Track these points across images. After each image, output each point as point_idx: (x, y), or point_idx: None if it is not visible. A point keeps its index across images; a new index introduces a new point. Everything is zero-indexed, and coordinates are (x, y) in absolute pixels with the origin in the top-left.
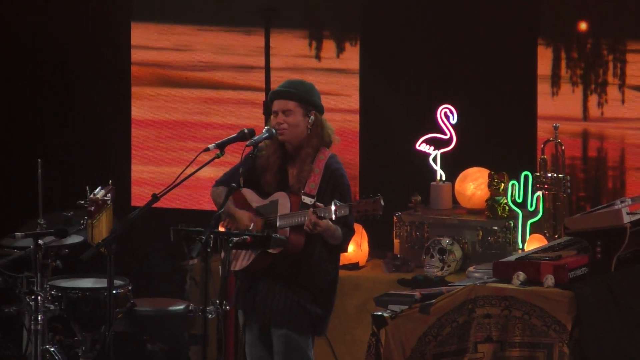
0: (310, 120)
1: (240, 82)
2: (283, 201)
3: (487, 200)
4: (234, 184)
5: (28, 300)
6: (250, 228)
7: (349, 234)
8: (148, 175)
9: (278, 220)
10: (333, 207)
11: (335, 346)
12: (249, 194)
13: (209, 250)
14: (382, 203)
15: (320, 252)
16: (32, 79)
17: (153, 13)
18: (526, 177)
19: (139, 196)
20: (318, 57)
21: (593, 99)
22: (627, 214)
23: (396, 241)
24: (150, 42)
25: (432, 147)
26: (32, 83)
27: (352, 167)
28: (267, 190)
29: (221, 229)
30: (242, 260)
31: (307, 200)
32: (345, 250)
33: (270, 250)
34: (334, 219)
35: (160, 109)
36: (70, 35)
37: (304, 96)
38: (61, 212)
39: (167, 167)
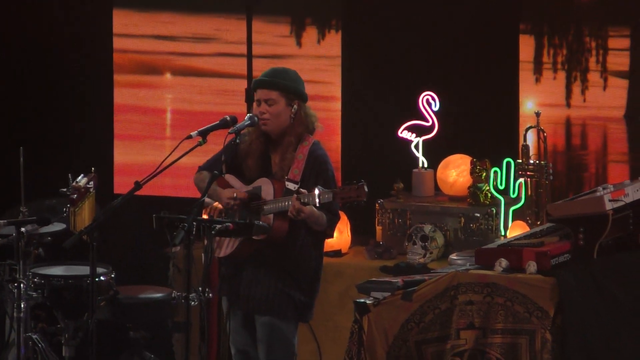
0: (293, 110)
1: (223, 69)
2: (266, 187)
3: (469, 187)
4: (216, 171)
5: (10, 287)
6: (235, 195)
7: (333, 220)
8: (130, 163)
9: (263, 207)
10: (317, 193)
11: (318, 332)
12: (232, 180)
13: (191, 237)
14: (366, 189)
15: (304, 238)
16: (13, 67)
17: (134, 0)
18: (508, 163)
19: (122, 184)
20: (299, 44)
21: (575, 86)
22: (609, 200)
23: (378, 228)
24: (132, 30)
25: (414, 134)
26: (13, 71)
27: (334, 154)
28: (249, 176)
29: (205, 216)
30: (226, 247)
31: (291, 186)
32: (331, 236)
33: (254, 237)
34: (317, 204)
35: (143, 96)
36: (52, 23)
37: (288, 86)
38: (43, 200)
39: (150, 154)
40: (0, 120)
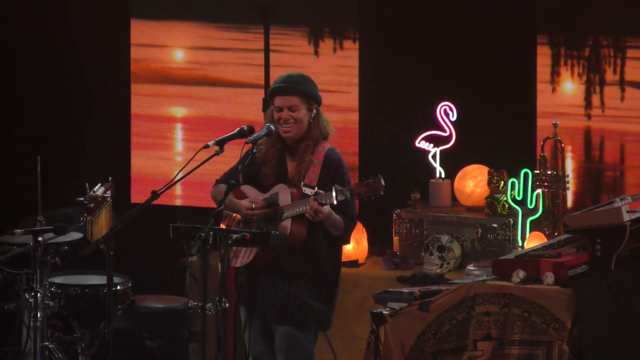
0: (312, 114)
1: (240, 79)
2: (284, 193)
3: (486, 198)
4: (233, 181)
5: (27, 297)
6: (253, 207)
7: (350, 224)
8: (147, 172)
9: (282, 213)
10: (334, 192)
11: (334, 342)
12: (249, 190)
13: (208, 247)
14: (383, 183)
15: (321, 244)
16: (31, 76)
17: (152, 10)
18: (526, 174)
19: (139, 193)
20: (317, 53)
21: (592, 96)
22: (627, 212)
23: (395, 238)
24: (149, 39)
25: (431, 145)
26: (31, 80)
27: (352, 164)
28: (265, 184)
29: (222, 226)
30: (243, 257)
31: (308, 191)
32: (348, 241)
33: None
34: (335, 203)
35: (160, 106)
36: (70, 32)
37: (307, 91)
38: (60, 209)
39: (167, 164)
40: (18, 130)
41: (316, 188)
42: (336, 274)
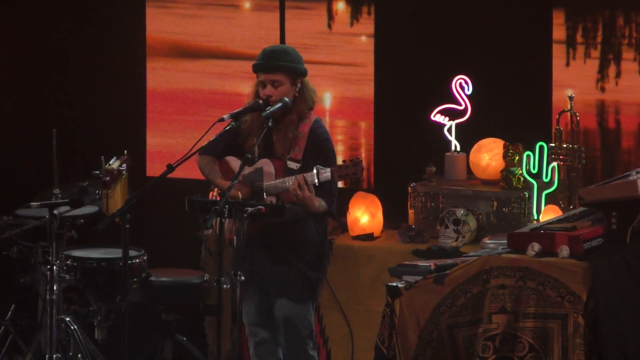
0: (297, 88)
1: (255, 52)
2: (267, 168)
3: (502, 171)
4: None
5: (43, 270)
6: (240, 197)
7: (331, 199)
8: (163, 145)
9: (265, 188)
10: (315, 172)
11: (350, 316)
12: (234, 162)
13: (223, 220)
14: (362, 166)
15: (305, 217)
16: (47, 49)
17: None
18: (541, 147)
19: (154, 166)
20: (331, 26)
21: (608, 69)
22: None
23: (411, 212)
24: (165, 13)
25: (447, 118)
26: (47, 53)
27: (367, 138)
28: (251, 156)
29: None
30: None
31: (293, 165)
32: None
33: (250, 209)
34: (316, 183)
35: (176, 79)
36: (86, 6)
37: (291, 66)
38: (76, 182)
39: (182, 137)
40: (34, 103)
41: (301, 162)
42: (322, 242)
